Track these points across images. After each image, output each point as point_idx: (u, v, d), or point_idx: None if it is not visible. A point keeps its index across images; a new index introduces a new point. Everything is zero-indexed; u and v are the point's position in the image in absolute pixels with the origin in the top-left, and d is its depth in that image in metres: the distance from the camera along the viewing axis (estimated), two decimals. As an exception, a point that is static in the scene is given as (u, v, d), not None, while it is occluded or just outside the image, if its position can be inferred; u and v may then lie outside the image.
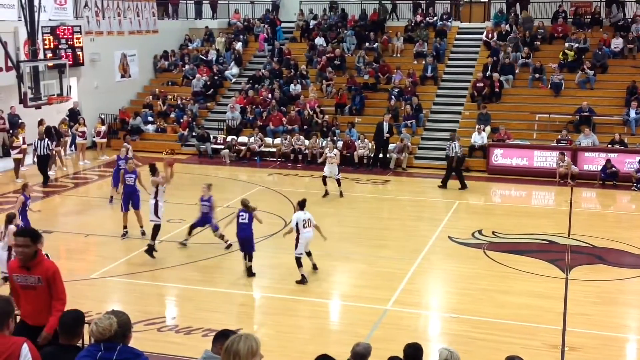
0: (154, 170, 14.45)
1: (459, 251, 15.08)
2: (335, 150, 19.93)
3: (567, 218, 17.61)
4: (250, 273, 13.34)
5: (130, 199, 15.70)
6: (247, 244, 13.30)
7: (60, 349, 5.31)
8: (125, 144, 20.12)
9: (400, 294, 12.53)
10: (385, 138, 23.13)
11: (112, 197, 18.33)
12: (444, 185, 20.77)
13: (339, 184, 19.58)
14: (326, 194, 19.45)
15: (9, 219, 12.23)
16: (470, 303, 12.19)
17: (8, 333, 4.92)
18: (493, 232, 16.24)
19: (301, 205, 13.36)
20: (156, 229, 14.26)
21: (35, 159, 21.10)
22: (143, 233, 15.58)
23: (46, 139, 20.69)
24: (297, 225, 13.04)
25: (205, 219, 14.86)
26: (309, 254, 13.42)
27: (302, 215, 13.11)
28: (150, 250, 14.08)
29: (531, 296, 12.48)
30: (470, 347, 10.33)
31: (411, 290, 12.85)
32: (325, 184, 19.52)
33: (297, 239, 13.04)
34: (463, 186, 20.54)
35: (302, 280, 12.87)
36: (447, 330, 11.38)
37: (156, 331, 10.92)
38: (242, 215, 13.28)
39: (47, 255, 10.20)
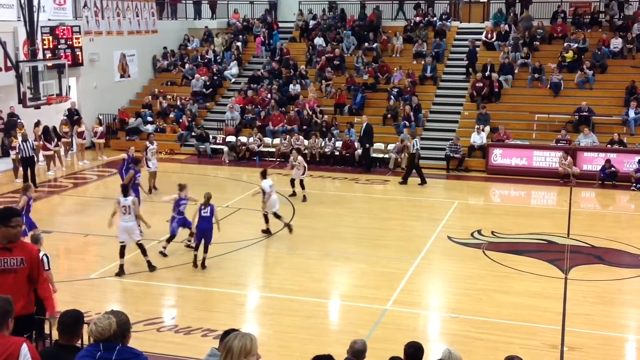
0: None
1: (459, 251, 15.08)
2: (299, 158, 19.22)
3: (567, 218, 17.62)
4: (203, 266, 13.61)
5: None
6: (207, 235, 13.59)
7: (59, 349, 5.31)
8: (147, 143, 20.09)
9: (399, 294, 12.53)
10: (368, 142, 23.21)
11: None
12: (404, 181, 21.21)
13: (302, 187, 19.20)
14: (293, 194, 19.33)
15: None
16: (470, 303, 12.19)
17: (7, 333, 4.91)
18: (492, 232, 16.25)
19: (263, 174, 15.99)
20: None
21: (16, 161, 20.68)
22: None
23: (30, 140, 20.50)
24: (265, 190, 15.62)
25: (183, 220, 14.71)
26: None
27: (268, 182, 15.76)
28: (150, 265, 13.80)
29: (530, 296, 12.49)
30: (470, 347, 10.33)
31: (411, 290, 12.85)
32: (293, 185, 19.40)
33: (265, 200, 15.63)
34: (423, 182, 21.09)
35: (284, 227, 15.72)
36: (446, 330, 11.38)
37: (155, 331, 10.91)
38: (204, 210, 13.60)
39: (46, 256, 10.24)
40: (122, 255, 13.41)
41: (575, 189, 20.67)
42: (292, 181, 19.37)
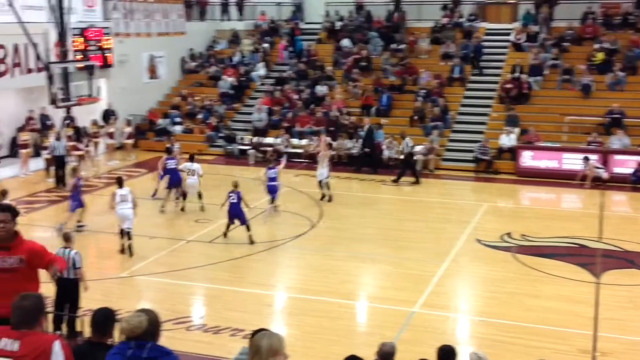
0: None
1: (488, 254, 14.93)
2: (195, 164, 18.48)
3: (598, 221, 17.37)
4: (251, 241, 15.22)
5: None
6: (239, 219, 15.37)
7: (91, 346, 5.35)
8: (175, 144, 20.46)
9: (428, 297, 12.44)
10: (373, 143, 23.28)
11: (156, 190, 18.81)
12: (397, 180, 21.40)
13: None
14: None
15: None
16: (499, 306, 12.07)
17: (41, 330, 4.96)
18: (522, 235, 16.07)
19: (191, 158, 18.03)
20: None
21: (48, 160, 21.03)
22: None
23: (63, 140, 20.79)
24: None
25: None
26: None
27: (188, 165, 17.76)
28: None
29: (561, 300, 12.32)
30: (499, 350, 10.23)
31: (439, 293, 12.75)
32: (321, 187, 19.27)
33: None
34: (417, 181, 21.36)
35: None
36: (475, 334, 11.28)
37: (185, 330, 10.97)
38: (232, 196, 15.31)
39: (77, 254, 10.33)
40: (123, 237, 14.68)
41: (606, 192, 20.34)
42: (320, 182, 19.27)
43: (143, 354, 4.84)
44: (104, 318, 5.40)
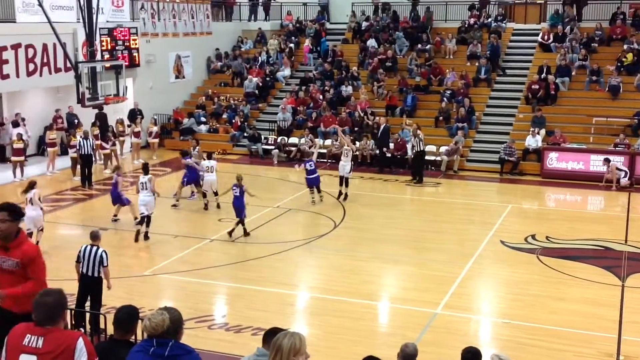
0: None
1: (512, 256, 14.83)
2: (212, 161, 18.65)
3: (624, 224, 17.15)
4: (245, 233, 15.66)
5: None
6: (239, 212, 15.58)
7: (114, 344, 5.40)
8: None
9: (450, 298, 12.39)
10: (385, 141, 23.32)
11: (192, 192, 19.10)
12: (419, 180, 21.44)
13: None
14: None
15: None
16: (523, 309, 11.98)
17: (63, 325, 5.00)
18: (547, 237, 15.93)
19: (209, 156, 18.32)
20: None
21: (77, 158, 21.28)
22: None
23: (91, 139, 21.05)
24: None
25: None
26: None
27: (206, 163, 18.04)
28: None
29: (586, 303, 12.20)
30: (522, 353, 10.15)
31: (462, 294, 12.69)
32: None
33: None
34: (420, 180, 21.34)
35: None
36: (498, 336, 11.20)
37: (207, 329, 11.04)
38: (235, 190, 15.59)
39: (105, 252, 10.43)
40: (141, 223, 15.61)
41: (633, 195, 20.08)
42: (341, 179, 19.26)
43: (165, 352, 4.89)
44: (128, 316, 5.45)
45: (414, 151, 21.78)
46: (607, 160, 21.02)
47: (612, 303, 12.19)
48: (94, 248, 10.49)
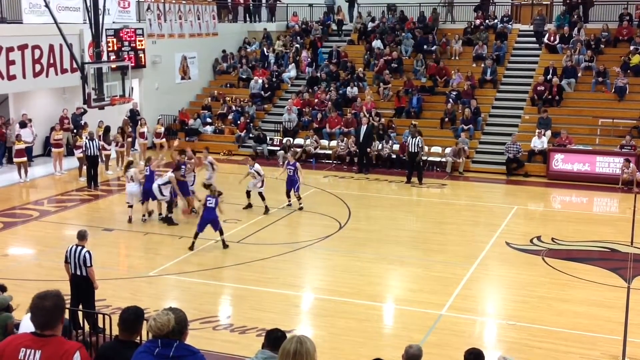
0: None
1: (517, 257, 14.80)
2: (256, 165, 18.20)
3: (630, 226, 17.10)
4: (224, 245, 14.98)
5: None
6: (213, 225, 14.84)
7: (119, 344, 5.41)
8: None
9: (455, 299, 12.37)
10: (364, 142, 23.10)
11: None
12: (409, 181, 21.46)
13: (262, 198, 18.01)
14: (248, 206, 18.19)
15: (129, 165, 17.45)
16: (528, 310, 11.95)
17: (62, 327, 4.87)
18: (552, 239, 15.90)
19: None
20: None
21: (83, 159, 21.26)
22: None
23: (97, 140, 21.07)
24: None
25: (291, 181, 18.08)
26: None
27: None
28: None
29: (591, 305, 12.17)
30: (527, 355, 10.15)
31: (467, 296, 12.67)
32: (248, 196, 18.18)
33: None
34: (419, 181, 21.34)
35: None
36: (503, 338, 11.18)
37: (211, 329, 11.05)
38: (209, 200, 14.80)
39: (88, 253, 10.37)
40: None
41: (639, 196, 20.04)
42: (248, 193, 18.16)
43: (170, 353, 4.89)
44: (133, 316, 5.45)
45: (409, 152, 21.74)
46: (627, 161, 20.93)
47: (617, 305, 12.16)
48: (79, 248, 10.49)
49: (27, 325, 7.17)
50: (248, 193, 18.18)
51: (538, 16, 28.51)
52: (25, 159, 21.32)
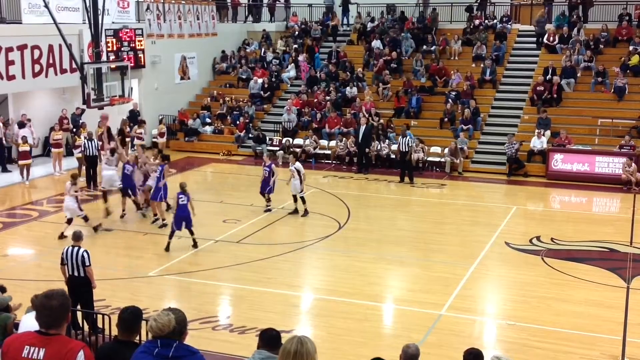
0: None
1: (516, 257, 14.81)
2: (297, 164, 17.92)
3: (630, 226, 17.11)
4: (195, 245, 14.88)
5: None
6: (187, 222, 14.68)
7: (118, 345, 5.41)
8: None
9: (455, 300, 12.37)
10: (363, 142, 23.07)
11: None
12: (402, 180, 21.51)
13: (303, 202, 17.78)
14: (297, 211, 17.89)
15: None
16: (527, 310, 11.96)
17: (67, 326, 4.90)
18: (552, 239, 15.90)
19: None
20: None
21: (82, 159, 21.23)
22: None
23: (95, 140, 21.04)
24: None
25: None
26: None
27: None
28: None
29: (590, 305, 12.18)
30: (527, 355, 10.16)
31: (466, 296, 12.67)
32: (295, 201, 17.91)
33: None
34: (410, 181, 21.40)
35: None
36: (502, 338, 11.18)
37: (211, 329, 11.05)
38: (182, 198, 14.60)
39: (86, 252, 10.36)
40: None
41: (639, 196, 20.04)
42: (294, 196, 17.91)
43: (169, 353, 4.89)
44: (133, 316, 5.45)
45: (399, 151, 21.78)
46: (630, 159, 20.91)
47: (617, 305, 12.16)
48: (76, 249, 10.50)
49: (26, 325, 7.19)
50: (295, 197, 17.85)
51: (542, 18, 28.43)
52: (30, 161, 21.23)
